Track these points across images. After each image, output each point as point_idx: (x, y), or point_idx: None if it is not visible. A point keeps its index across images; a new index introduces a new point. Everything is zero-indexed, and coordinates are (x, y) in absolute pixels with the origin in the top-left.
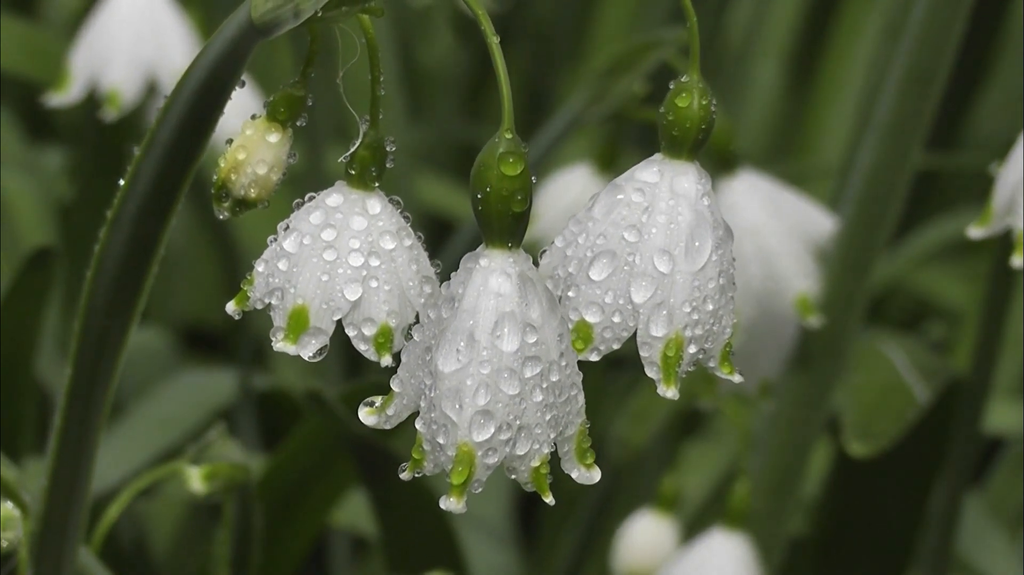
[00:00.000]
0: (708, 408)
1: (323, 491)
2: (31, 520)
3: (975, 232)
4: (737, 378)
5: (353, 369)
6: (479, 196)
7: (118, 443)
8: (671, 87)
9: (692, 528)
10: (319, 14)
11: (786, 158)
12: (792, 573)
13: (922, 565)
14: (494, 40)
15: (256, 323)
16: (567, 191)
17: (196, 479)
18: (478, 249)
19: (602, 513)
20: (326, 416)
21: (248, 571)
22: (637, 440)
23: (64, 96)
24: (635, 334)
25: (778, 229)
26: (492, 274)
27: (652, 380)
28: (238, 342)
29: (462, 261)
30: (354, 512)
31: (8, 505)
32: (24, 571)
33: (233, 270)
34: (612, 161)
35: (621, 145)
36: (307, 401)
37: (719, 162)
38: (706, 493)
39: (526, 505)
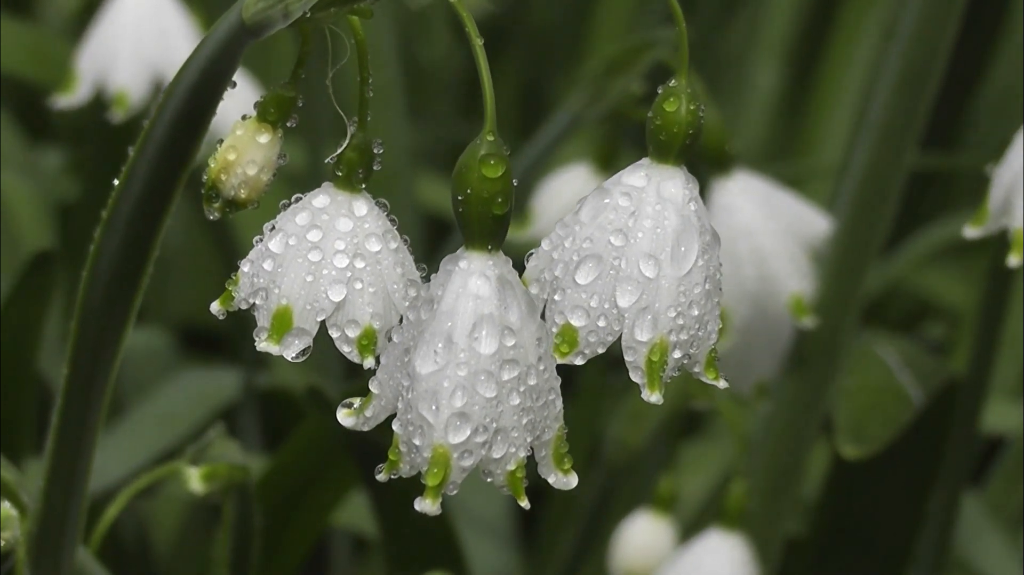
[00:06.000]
0: (705, 409)
1: (324, 492)
2: (29, 520)
3: (971, 232)
4: (722, 383)
5: (354, 368)
6: (459, 198)
7: (118, 443)
8: (660, 91)
9: (689, 529)
10: (308, 15)
11: (785, 159)
12: (789, 574)
13: (920, 566)
14: (478, 43)
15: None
16: (565, 190)
17: (195, 479)
18: (458, 251)
19: (600, 513)
20: (326, 413)
21: (248, 572)
22: (634, 441)
23: (70, 97)
24: (620, 338)
25: (773, 230)
26: (471, 276)
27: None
28: (238, 341)
29: (442, 263)
30: (354, 512)
31: (6, 505)
32: (22, 571)
33: (232, 269)
34: (610, 161)
35: (619, 145)
36: (307, 398)
37: (714, 163)
38: (703, 494)
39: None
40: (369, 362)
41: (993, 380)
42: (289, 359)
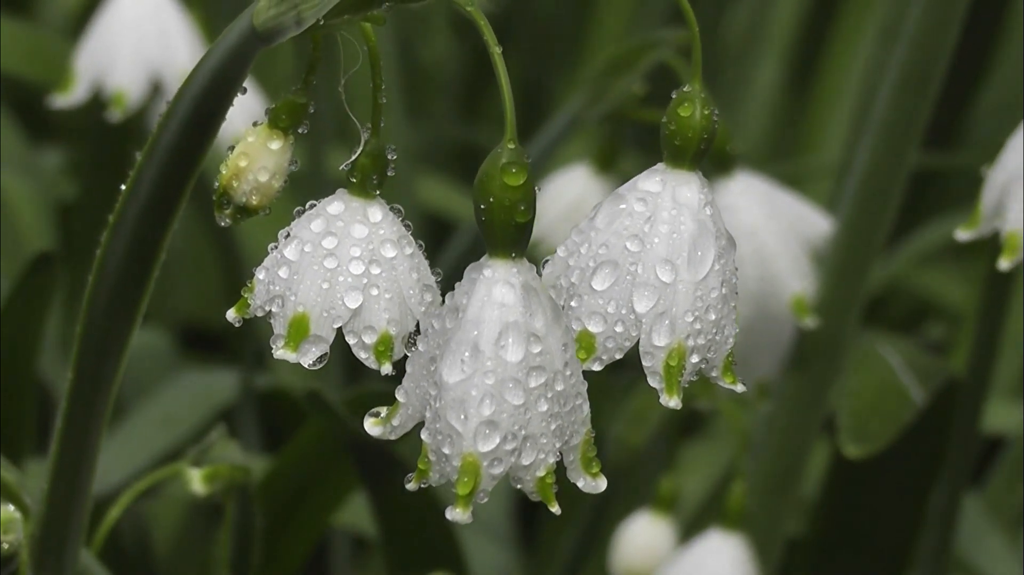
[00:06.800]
0: (706, 409)
1: (325, 494)
2: (32, 522)
3: (963, 235)
4: (740, 388)
5: (354, 372)
6: (482, 207)
7: (119, 444)
8: (673, 96)
9: (690, 529)
10: (321, 22)
11: (785, 158)
12: (789, 574)
13: (921, 566)
14: (497, 51)
15: (257, 324)
16: (566, 192)
17: (197, 480)
18: (482, 259)
19: (601, 514)
20: (326, 417)
21: (248, 572)
22: (636, 441)
23: (69, 97)
24: (638, 344)
25: (775, 230)
26: (496, 284)
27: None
28: (239, 343)
29: (466, 271)
30: (355, 512)
31: (9, 507)
32: (25, 573)
33: (234, 271)
34: (611, 161)
35: (620, 145)
36: (307, 401)
37: (716, 163)
38: (704, 494)
39: (526, 505)
40: (386, 368)
41: (993, 380)
42: (307, 366)
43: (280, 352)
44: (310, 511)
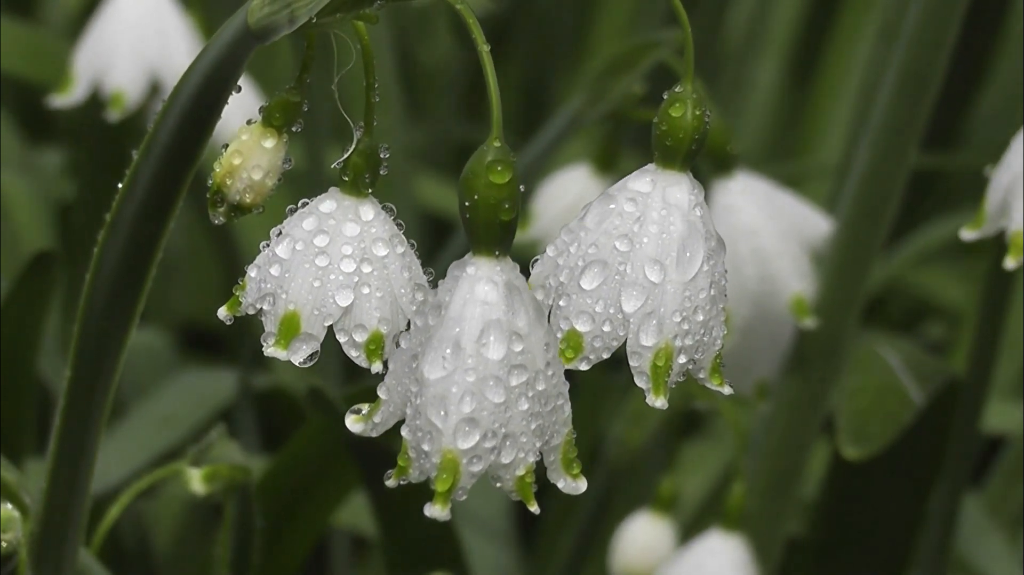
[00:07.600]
0: (706, 409)
1: (325, 493)
2: (31, 521)
3: (968, 234)
4: (727, 390)
5: (352, 370)
6: (467, 204)
7: (118, 444)
8: (665, 97)
9: (690, 529)
10: (314, 20)
11: (785, 158)
12: (789, 574)
13: (921, 566)
14: (484, 49)
15: (256, 323)
16: (566, 192)
17: (196, 480)
18: (465, 257)
19: (601, 514)
20: (326, 415)
21: (248, 572)
22: (635, 441)
23: (67, 97)
24: (625, 343)
25: (774, 230)
26: (479, 282)
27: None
28: (238, 342)
29: (449, 269)
30: (354, 512)
31: (8, 506)
32: (24, 572)
33: (233, 270)
34: (611, 162)
35: (620, 146)
36: (308, 400)
37: (716, 163)
38: (704, 494)
39: (526, 506)
40: (377, 366)
41: (993, 380)
42: (297, 364)
43: (271, 350)
44: (310, 511)
